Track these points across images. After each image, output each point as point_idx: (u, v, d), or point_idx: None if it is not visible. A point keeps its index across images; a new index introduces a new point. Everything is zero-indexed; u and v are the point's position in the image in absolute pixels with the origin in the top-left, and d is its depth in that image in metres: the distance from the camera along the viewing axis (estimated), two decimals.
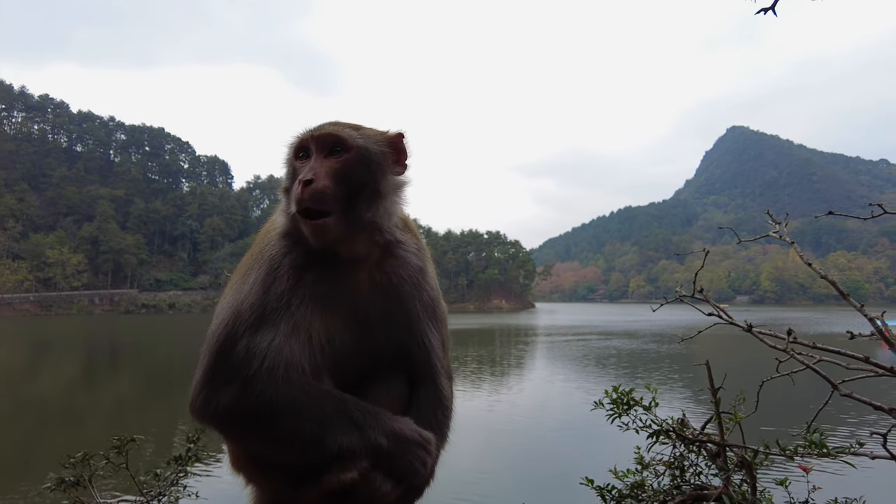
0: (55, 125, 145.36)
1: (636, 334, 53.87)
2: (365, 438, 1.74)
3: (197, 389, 1.78)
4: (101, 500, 3.94)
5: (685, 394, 21.10)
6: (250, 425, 1.74)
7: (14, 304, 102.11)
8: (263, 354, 1.73)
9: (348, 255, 1.95)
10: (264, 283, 1.86)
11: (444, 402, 2.11)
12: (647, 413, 3.01)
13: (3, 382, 29.67)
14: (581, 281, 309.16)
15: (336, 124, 2.00)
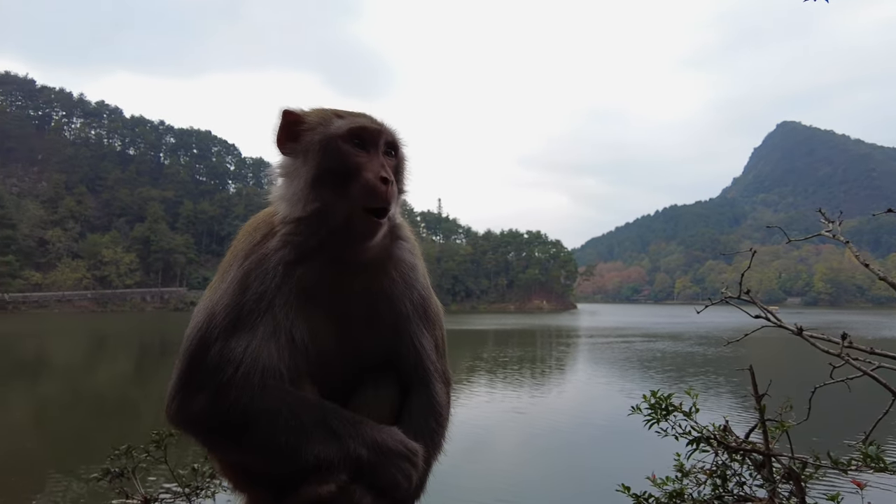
0: (110, 130, 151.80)
1: (681, 336, 52.50)
2: (343, 449, 1.64)
3: (171, 396, 1.71)
4: (143, 491, 4.07)
5: (730, 400, 20.41)
6: (224, 434, 1.66)
7: (73, 300, 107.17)
8: (238, 360, 1.65)
9: (361, 255, 1.86)
10: (243, 283, 1.76)
11: (438, 409, 1.97)
12: (686, 419, 2.89)
13: (64, 375, 31.16)
14: (625, 281, 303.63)
15: (388, 124, 1.96)
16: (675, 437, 2.92)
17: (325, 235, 1.81)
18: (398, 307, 1.95)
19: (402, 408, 1.95)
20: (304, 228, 1.82)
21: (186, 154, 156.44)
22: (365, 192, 1.74)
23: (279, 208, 1.88)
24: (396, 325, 1.95)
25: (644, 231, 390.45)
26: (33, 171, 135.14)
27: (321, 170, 1.79)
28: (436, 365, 2.02)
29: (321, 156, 1.80)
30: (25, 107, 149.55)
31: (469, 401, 22.04)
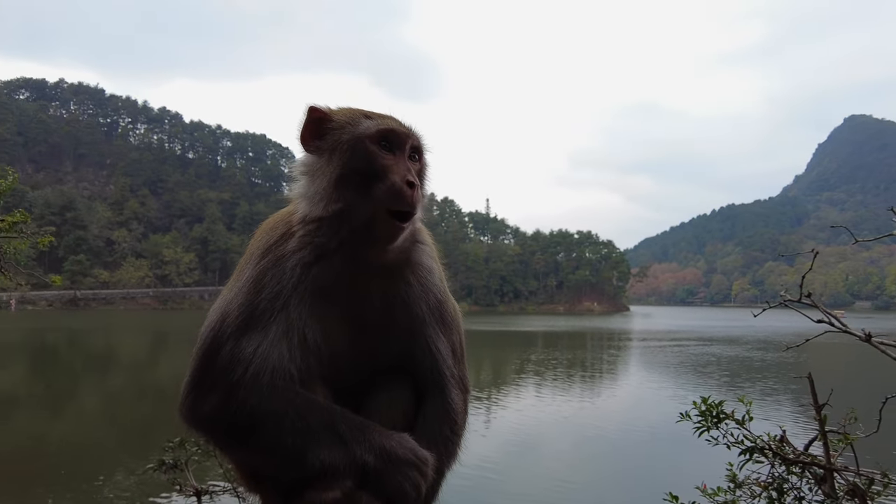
0: (171, 135, 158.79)
1: (738, 341, 50.55)
2: (350, 455, 1.61)
3: (184, 395, 1.73)
4: (194, 483, 4.22)
5: (788, 409, 19.47)
6: (232, 435, 1.66)
7: (137, 298, 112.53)
8: (248, 361, 1.64)
9: (380, 258, 1.83)
10: (258, 282, 1.76)
11: (453, 415, 1.92)
12: (739, 427, 2.75)
13: (129, 368, 32.75)
14: (680, 283, 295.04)
15: (415, 128, 1.93)
16: (727, 446, 2.78)
17: (346, 236, 1.78)
18: (414, 310, 1.91)
19: (416, 414, 1.91)
20: (324, 229, 1.80)
21: (242, 157, 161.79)
22: (391, 195, 1.72)
23: (299, 207, 1.86)
24: (412, 329, 1.92)
25: (700, 231, 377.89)
26: (102, 174, 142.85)
27: (347, 169, 1.77)
28: (452, 370, 1.97)
29: (348, 155, 1.78)
30: (96, 115, 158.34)
31: (516, 404, 21.88)
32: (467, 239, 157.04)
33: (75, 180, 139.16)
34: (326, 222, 1.79)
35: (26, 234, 8.09)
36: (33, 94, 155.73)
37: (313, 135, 1.85)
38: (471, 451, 8.30)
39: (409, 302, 1.91)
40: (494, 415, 20.29)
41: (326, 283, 1.79)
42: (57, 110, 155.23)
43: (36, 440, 16.74)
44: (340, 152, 1.79)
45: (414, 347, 1.92)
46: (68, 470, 13.84)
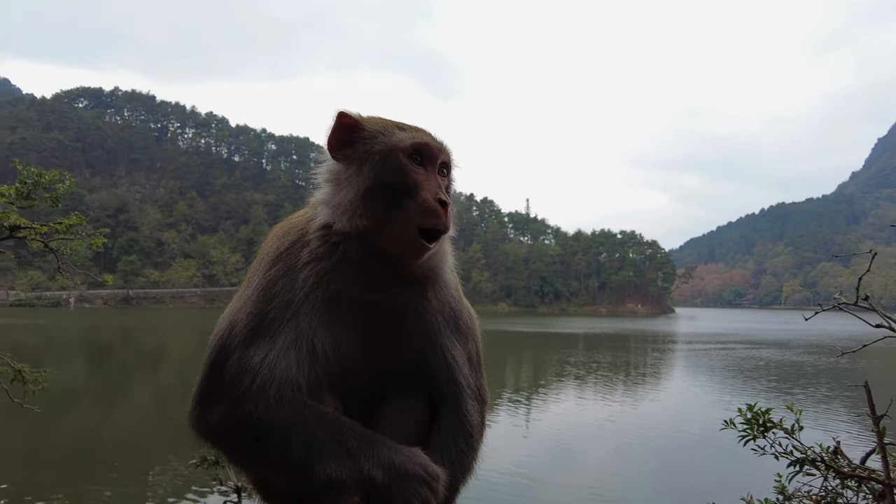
0: (218, 138, 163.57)
1: (789, 344, 48.69)
2: (357, 470, 1.56)
3: (192, 404, 1.71)
4: (234, 480, 4.32)
5: (843, 418, 18.56)
6: (240, 446, 1.64)
7: (185, 296, 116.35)
8: (255, 371, 1.60)
9: (403, 272, 1.77)
10: (268, 291, 1.71)
11: (468, 429, 1.84)
12: (788, 437, 2.61)
13: (177, 365, 33.87)
14: (727, 284, 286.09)
15: (446, 143, 1.89)
16: (775, 456, 2.65)
17: (368, 251, 1.73)
18: (428, 320, 1.86)
19: (430, 426, 1.85)
20: (342, 239, 1.74)
21: (287, 160, 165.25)
22: (422, 213, 1.67)
23: (318, 213, 1.80)
24: (426, 339, 1.86)
25: (748, 231, 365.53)
26: (153, 178, 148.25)
27: (377, 182, 1.71)
28: (468, 380, 1.89)
29: (380, 167, 1.72)
30: (147, 120, 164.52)
31: (556, 407, 21.63)
32: (507, 239, 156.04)
33: (128, 184, 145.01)
34: (348, 235, 1.73)
35: (81, 236, 8.44)
36: (91, 103, 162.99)
37: (342, 142, 1.79)
38: (508, 455, 8.30)
39: (424, 311, 1.85)
40: (534, 418, 20.11)
41: (340, 294, 1.74)
42: (112, 117, 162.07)
43: (92, 432, 17.50)
44: (372, 163, 1.73)
45: (428, 358, 1.86)
46: (121, 462, 14.41)
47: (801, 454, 2.57)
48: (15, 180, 7.79)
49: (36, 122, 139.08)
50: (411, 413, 1.83)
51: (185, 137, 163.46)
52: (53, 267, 9.18)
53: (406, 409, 1.84)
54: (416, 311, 1.84)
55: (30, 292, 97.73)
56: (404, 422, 1.81)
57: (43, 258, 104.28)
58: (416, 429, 1.82)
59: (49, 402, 10.84)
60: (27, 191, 7.55)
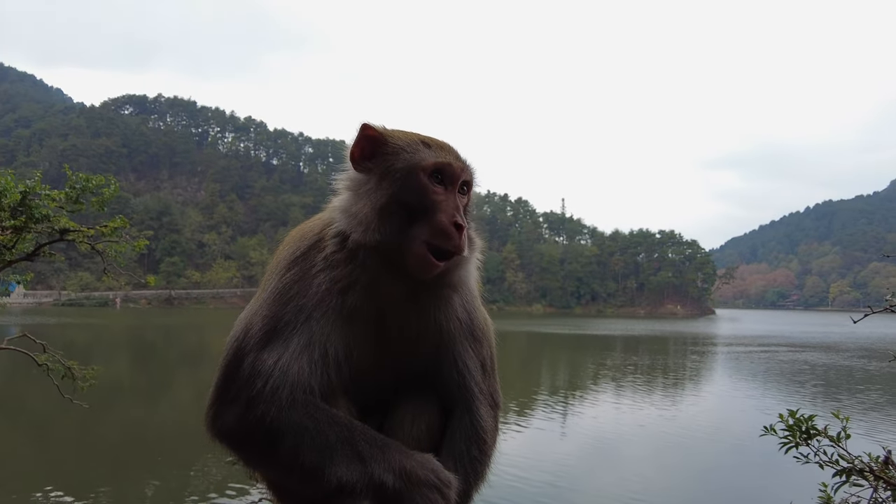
0: (256, 142, 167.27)
1: (836, 348, 46.93)
2: (367, 474, 1.56)
3: (208, 406, 1.74)
4: None
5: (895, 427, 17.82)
6: (252, 448, 1.66)
7: (225, 297, 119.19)
8: (268, 374, 1.62)
9: (420, 280, 1.77)
10: (283, 294, 1.73)
11: (481, 434, 1.82)
12: (834, 445, 2.51)
13: (217, 364, 34.65)
14: (770, 285, 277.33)
15: (469, 162, 1.87)
16: (820, 465, 2.55)
17: (380, 261, 1.74)
18: (442, 325, 1.84)
19: (443, 432, 1.84)
20: (357, 246, 1.75)
21: (323, 162, 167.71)
22: (436, 234, 1.68)
23: (336, 219, 1.82)
24: (439, 344, 1.84)
25: (792, 230, 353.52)
26: (194, 181, 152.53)
27: (394, 199, 1.72)
28: (481, 386, 1.88)
29: (400, 185, 1.73)
30: (189, 125, 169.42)
31: (592, 410, 21.35)
32: (542, 240, 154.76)
33: (171, 187, 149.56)
34: (362, 245, 1.74)
35: (125, 239, 8.74)
36: (136, 109, 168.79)
37: (364, 153, 1.80)
38: (544, 458, 8.25)
39: (437, 318, 1.84)
40: (569, 421, 19.89)
41: (353, 300, 1.75)
42: (155, 122, 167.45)
43: (138, 428, 18.09)
44: (392, 179, 1.74)
45: (441, 363, 1.85)
46: (164, 457, 14.86)
47: (849, 463, 2.46)
48: (65, 185, 8.13)
49: (85, 129, 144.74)
50: (423, 418, 1.83)
51: (225, 142, 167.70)
52: (101, 268, 9.54)
53: (418, 414, 1.83)
54: (430, 317, 1.83)
55: (79, 292, 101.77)
56: (416, 427, 1.81)
57: (91, 259, 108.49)
58: (428, 434, 1.81)
59: (96, 397, 11.27)
60: (76, 195, 7.87)
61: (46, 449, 15.69)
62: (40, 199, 7.49)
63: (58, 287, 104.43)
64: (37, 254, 8.05)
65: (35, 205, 7.34)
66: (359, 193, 1.79)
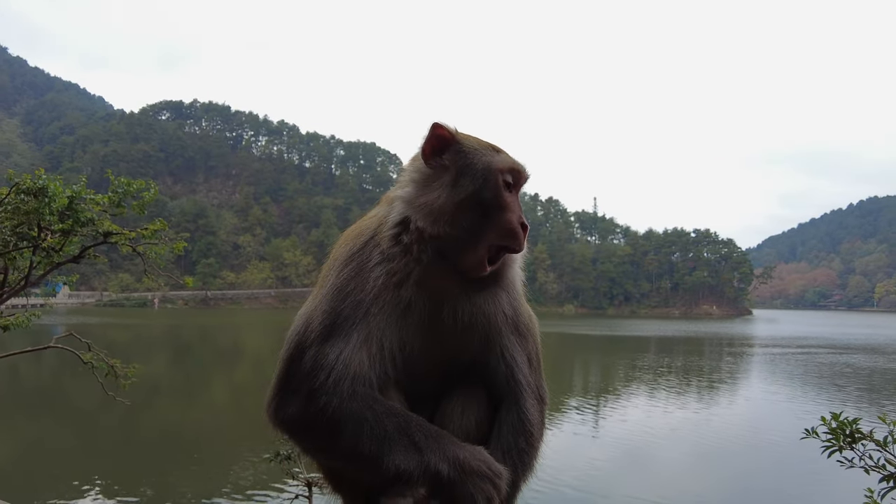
0: (289, 145, 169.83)
1: (882, 350, 45.29)
2: (424, 463, 1.63)
3: (270, 396, 1.81)
4: (306, 475, 4.48)
5: None
6: (314, 437, 1.73)
7: (260, 297, 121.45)
8: (330, 367, 1.69)
9: (467, 277, 1.86)
10: (342, 291, 1.80)
11: (529, 427, 1.87)
12: (880, 450, 2.43)
13: (253, 363, 35.40)
14: (810, 285, 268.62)
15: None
16: (866, 470, 2.47)
17: (433, 254, 1.81)
18: (491, 321, 1.90)
19: (490, 424, 1.89)
20: (414, 240, 1.82)
21: (354, 165, 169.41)
22: (505, 233, 1.79)
23: (395, 209, 1.89)
24: (489, 339, 1.90)
25: (834, 227, 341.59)
26: (229, 184, 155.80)
27: (474, 195, 1.81)
28: (528, 379, 1.92)
29: (480, 183, 1.81)
30: (223, 129, 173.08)
31: (625, 412, 21.07)
32: (573, 239, 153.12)
33: (206, 190, 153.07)
34: (421, 236, 1.82)
35: (165, 241, 9.00)
36: (172, 115, 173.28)
37: (434, 151, 1.88)
38: (577, 460, 8.17)
39: (487, 313, 1.90)
40: (601, 424, 19.67)
41: (408, 293, 1.82)
42: (191, 127, 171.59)
43: (175, 426, 18.58)
44: (471, 177, 1.82)
45: (489, 357, 1.91)
46: (200, 455, 15.22)
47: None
48: (108, 190, 8.42)
49: (125, 135, 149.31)
50: (472, 410, 1.88)
51: (259, 145, 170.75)
52: (140, 270, 9.84)
53: (467, 407, 1.88)
54: (480, 312, 1.89)
55: (120, 293, 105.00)
56: (465, 419, 1.86)
57: (131, 261, 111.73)
58: (477, 426, 1.87)
59: (136, 395, 11.61)
60: (118, 199, 8.14)
61: (91, 443, 16.27)
62: (85, 204, 7.78)
63: (99, 288, 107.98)
64: (82, 256, 8.36)
65: (81, 209, 7.63)
66: (431, 187, 1.85)
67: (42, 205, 7.21)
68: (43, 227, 7.70)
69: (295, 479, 4.33)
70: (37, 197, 7.25)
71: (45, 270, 8.62)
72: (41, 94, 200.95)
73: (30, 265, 8.06)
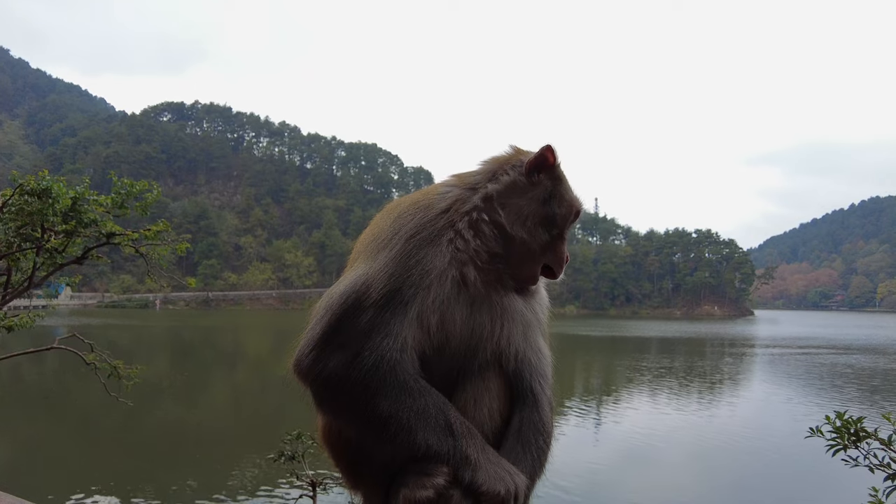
0: (290, 147, 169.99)
1: (884, 350, 45.22)
2: (456, 448, 1.68)
3: (308, 347, 1.78)
4: (310, 475, 4.49)
5: None
6: (352, 395, 1.71)
7: (261, 298, 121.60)
8: (386, 331, 1.72)
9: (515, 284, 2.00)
10: (410, 257, 1.81)
11: (547, 428, 1.94)
12: (885, 448, 2.43)
13: (254, 364, 35.44)
14: (811, 285, 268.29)
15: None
16: (870, 468, 2.47)
17: (501, 258, 1.92)
18: (529, 322, 2.00)
19: (500, 420, 1.93)
20: (492, 230, 1.91)
21: (356, 166, 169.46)
22: (558, 259, 2.01)
23: (481, 195, 1.96)
24: (525, 337, 1.99)
25: (836, 228, 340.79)
26: (230, 185, 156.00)
27: (553, 217, 1.97)
28: (548, 383, 2.03)
29: (563, 209, 2.00)
30: (225, 130, 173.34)
31: (625, 415, 21.07)
32: (575, 240, 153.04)
33: (208, 191, 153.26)
34: (502, 231, 1.93)
35: (167, 242, 9.01)
36: (174, 116, 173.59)
37: (535, 168, 2.00)
38: (578, 462, 8.17)
39: (526, 315, 2.00)
40: (602, 425, 19.66)
41: (466, 276, 1.87)
42: (192, 129, 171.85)
43: (177, 426, 18.59)
44: (558, 204, 1.99)
45: (519, 355, 1.97)
46: (202, 454, 15.23)
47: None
48: (111, 191, 8.44)
49: (127, 137, 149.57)
50: (483, 403, 1.91)
51: (260, 146, 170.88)
52: (142, 271, 9.84)
53: (479, 399, 1.91)
54: (521, 312, 1.99)
55: (121, 294, 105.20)
56: (477, 410, 1.89)
57: (133, 263, 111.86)
58: (490, 418, 1.90)
59: (138, 396, 11.63)
60: (121, 200, 8.16)
61: (94, 444, 16.29)
62: (89, 205, 7.79)
63: (101, 289, 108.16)
64: (86, 257, 8.38)
65: (84, 210, 7.65)
66: (523, 195, 1.97)
67: (46, 206, 7.23)
68: (46, 229, 7.72)
69: (299, 478, 4.33)
70: (40, 198, 7.27)
71: (48, 272, 8.65)
72: (43, 96, 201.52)
73: (33, 266, 8.08)
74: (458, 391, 1.90)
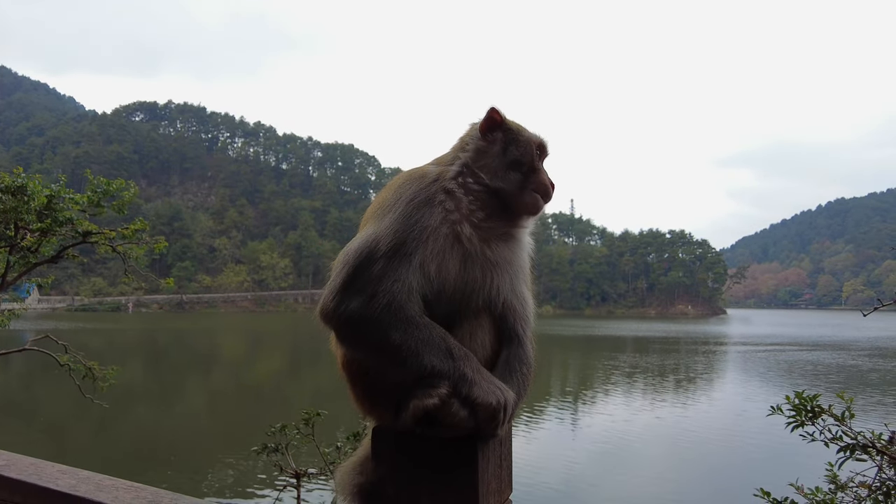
0: (266, 147, 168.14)
1: (849, 347, 46.51)
2: (455, 368, 1.98)
3: (331, 294, 2.10)
4: (294, 466, 4.55)
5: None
6: (368, 331, 2.04)
7: (236, 301, 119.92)
8: (395, 276, 2.05)
9: (507, 227, 2.26)
10: (411, 216, 2.17)
11: (529, 360, 2.27)
12: (838, 424, 2.61)
13: (230, 366, 35.06)
14: (781, 284, 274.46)
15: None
16: (825, 443, 2.65)
17: (489, 202, 2.22)
18: (516, 266, 2.31)
19: (492, 352, 2.24)
20: (473, 190, 2.22)
21: (332, 167, 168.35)
22: (540, 189, 2.26)
23: (460, 163, 2.29)
24: (512, 282, 2.29)
25: (804, 228, 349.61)
26: (204, 186, 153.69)
27: (518, 160, 2.28)
28: (530, 326, 2.32)
29: (522, 151, 2.29)
30: (199, 131, 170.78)
31: (601, 412, 21.38)
32: (551, 241, 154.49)
33: (181, 192, 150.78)
34: (483, 185, 2.24)
35: (144, 241, 8.95)
36: (146, 116, 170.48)
37: (489, 128, 2.33)
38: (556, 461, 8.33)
39: (513, 260, 2.31)
40: (579, 423, 19.94)
41: (461, 229, 2.19)
42: (165, 129, 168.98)
43: (151, 429, 18.33)
44: (515, 147, 2.30)
45: (508, 297, 2.28)
46: (178, 456, 15.07)
47: (852, 440, 2.57)
48: (85, 189, 8.35)
49: (97, 137, 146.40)
50: (478, 336, 2.24)
51: (235, 147, 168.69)
52: (114, 273, 9.79)
53: (474, 333, 2.23)
54: (508, 258, 2.30)
55: (92, 297, 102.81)
56: (473, 342, 2.21)
57: (104, 265, 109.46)
58: (482, 346, 2.22)
59: (111, 398, 11.47)
60: (97, 199, 8.08)
61: (64, 448, 15.98)
62: (64, 203, 7.71)
63: (71, 292, 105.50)
64: (60, 256, 8.27)
65: (60, 208, 7.56)
66: (486, 153, 2.31)
67: (20, 203, 7.14)
68: (20, 227, 7.61)
69: (283, 470, 4.41)
70: (15, 196, 7.17)
71: (20, 271, 8.52)
72: (8, 94, 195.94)
73: (6, 265, 7.96)
74: (455, 328, 2.21)
